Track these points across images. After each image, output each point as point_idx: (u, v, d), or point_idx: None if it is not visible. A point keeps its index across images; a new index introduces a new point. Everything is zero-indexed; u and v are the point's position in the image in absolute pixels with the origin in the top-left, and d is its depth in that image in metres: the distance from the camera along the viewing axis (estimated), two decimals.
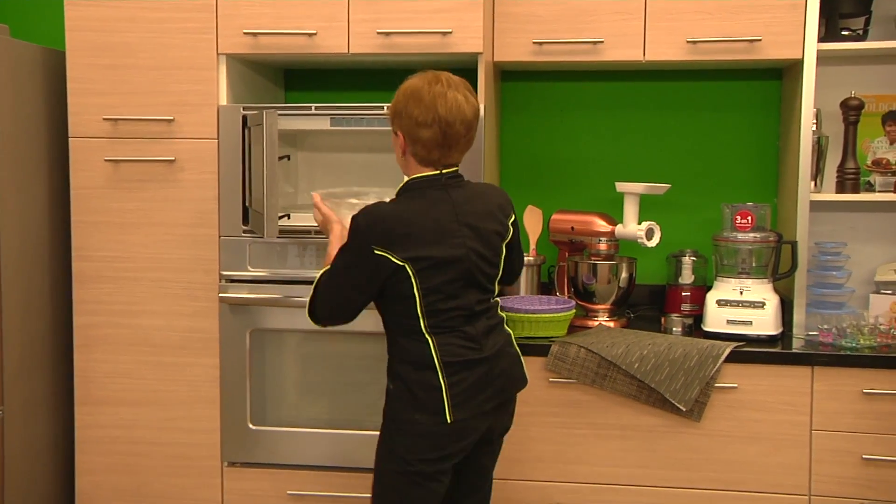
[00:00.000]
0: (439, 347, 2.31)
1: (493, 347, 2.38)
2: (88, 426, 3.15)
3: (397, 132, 2.38)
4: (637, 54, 3.08)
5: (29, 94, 3.07)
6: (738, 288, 3.04)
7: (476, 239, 2.35)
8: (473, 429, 2.36)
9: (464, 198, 2.37)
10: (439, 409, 2.30)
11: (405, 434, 2.34)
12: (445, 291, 2.31)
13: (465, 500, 2.55)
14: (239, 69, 3.15)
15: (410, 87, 2.34)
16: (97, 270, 3.11)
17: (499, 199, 2.47)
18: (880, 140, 3.27)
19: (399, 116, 2.35)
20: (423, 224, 2.29)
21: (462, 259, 2.32)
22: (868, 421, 2.82)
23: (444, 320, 2.32)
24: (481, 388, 2.34)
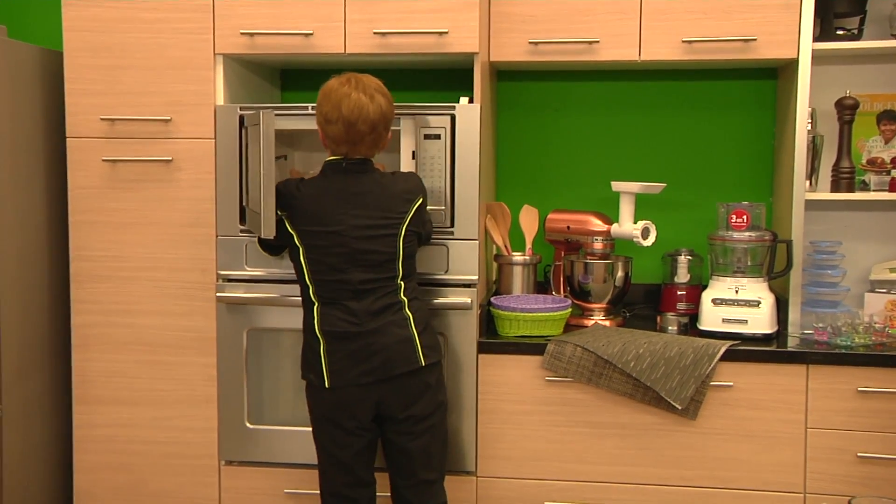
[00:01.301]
0: (321, 316, 2.60)
1: (376, 324, 2.58)
2: (86, 425, 3.16)
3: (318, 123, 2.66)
4: (633, 54, 3.09)
5: (26, 95, 3.08)
6: (734, 287, 3.05)
7: (363, 220, 2.58)
8: (356, 400, 2.59)
9: (363, 183, 2.62)
10: (320, 372, 2.60)
11: (308, 392, 2.68)
12: (328, 264, 2.58)
13: (402, 483, 2.71)
14: (236, 69, 3.15)
15: (326, 87, 2.62)
16: (95, 270, 3.12)
17: (406, 184, 2.68)
18: (875, 139, 3.28)
19: (317, 112, 2.63)
20: (313, 201, 2.59)
21: (341, 236, 2.57)
22: (863, 419, 2.82)
23: (328, 291, 2.59)
24: (357, 361, 2.57)
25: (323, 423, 2.65)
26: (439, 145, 2.90)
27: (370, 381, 2.57)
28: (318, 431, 2.68)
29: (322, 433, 2.67)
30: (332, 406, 2.61)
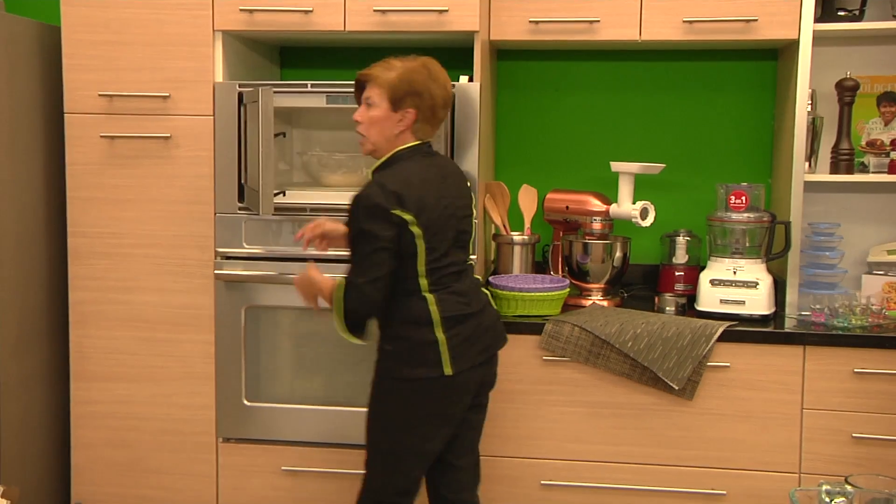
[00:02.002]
0: (439, 304, 2.47)
1: (480, 303, 2.58)
2: (84, 401, 3.17)
3: (408, 108, 2.49)
4: (633, 34, 3.09)
5: (24, 70, 3.07)
6: (732, 268, 3.05)
7: (459, 199, 2.56)
8: (471, 381, 2.53)
9: (444, 165, 2.60)
10: (437, 361, 2.45)
11: (403, 392, 2.49)
12: (441, 249, 2.48)
13: (462, 461, 2.65)
14: (235, 46, 3.15)
15: (427, 69, 2.51)
16: (92, 246, 3.12)
17: (458, 167, 2.69)
18: (875, 121, 3.29)
19: (419, 96, 2.49)
20: (420, 185, 2.45)
21: (452, 217, 2.51)
22: (858, 400, 2.84)
23: (439, 278, 2.49)
24: (473, 342, 2.52)
25: (425, 420, 2.50)
26: None
27: (483, 361, 2.56)
28: (410, 430, 2.50)
29: (416, 432, 2.50)
30: (448, 394, 2.49)
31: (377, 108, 2.51)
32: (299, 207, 3.00)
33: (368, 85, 2.54)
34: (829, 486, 1.25)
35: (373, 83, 2.52)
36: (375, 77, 2.53)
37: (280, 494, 3.11)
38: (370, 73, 2.55)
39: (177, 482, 3.16)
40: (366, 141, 2.55)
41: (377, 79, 2.52)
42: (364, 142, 2.56)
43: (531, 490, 2.99)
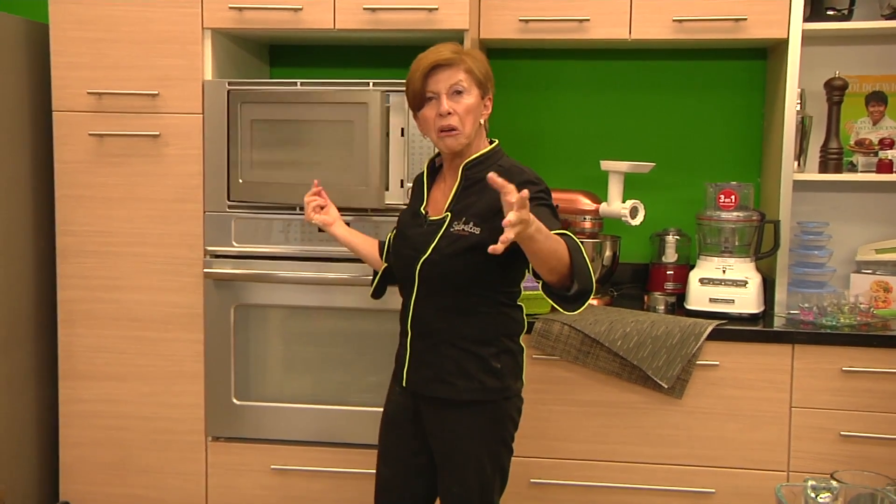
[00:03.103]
0: (525, 317, 2.41)
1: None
2: (73, 400, 3.16)
3: (490, 96, 2.35)
4: (623, 33, 3.09)
5: (11, 67, 3.06)
6: (721, 267, 3.06)
7: None
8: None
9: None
10: (521, 375, 2.41)
11: (515, 408, 2.38)
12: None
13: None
14: (224, 44, 3.14)
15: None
16: (81, 245, 3.11)
17: None
18: (863, 120, 3.30)
19: (492, 80, 2.35)
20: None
21: None
22: (846, 398, 2.85)
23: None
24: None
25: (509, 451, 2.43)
26: None
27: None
28: (510, 447, 2.42)
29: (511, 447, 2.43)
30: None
31: (470, 95, 2.27)
32: (289, 206, 3.00)
33: (451, 69, 2.25)
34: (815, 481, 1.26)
35: (457, 66, 2.25)
36: (461, 60, 2.26)
37: (269, 493, 3.11)
38: (452, 56, 2.26)
39: (166, 481, 3.15)
40: (460, 134, 2.26)
41: (463, 61, 2.26)
42: (458, 135, 2.26)
43: (520, 488, 2.99)
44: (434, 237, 2.29)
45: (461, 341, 2.30)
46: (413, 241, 2.34)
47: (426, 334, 2.33)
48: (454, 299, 2.29)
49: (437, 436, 2.36)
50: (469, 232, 2.24)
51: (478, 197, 2.28)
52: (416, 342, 2.35)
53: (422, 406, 2.37)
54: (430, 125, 2.29)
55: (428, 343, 2.33)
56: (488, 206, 2.21)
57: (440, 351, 2.31)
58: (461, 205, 2.30)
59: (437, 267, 2.27)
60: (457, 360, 2.30)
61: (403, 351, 2.39)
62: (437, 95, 2.25)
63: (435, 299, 2.30)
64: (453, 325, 2.29)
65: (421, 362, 2.34)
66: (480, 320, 2.30)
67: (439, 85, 2.25)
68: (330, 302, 3.00)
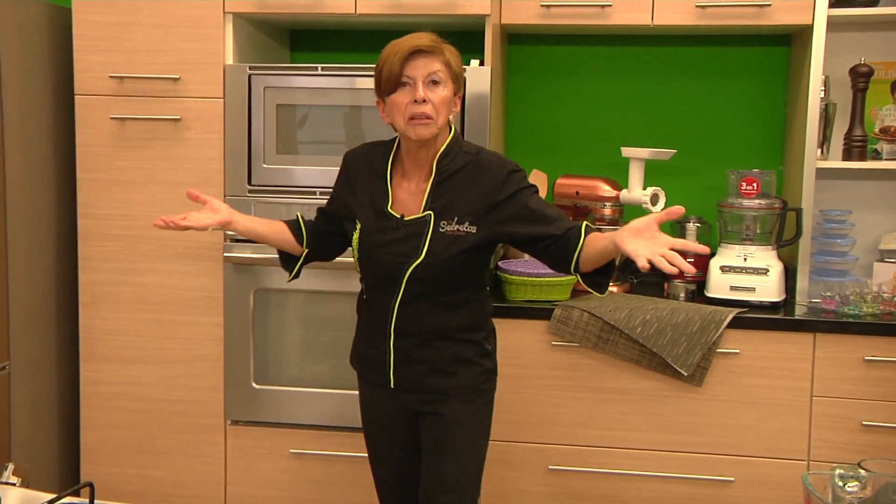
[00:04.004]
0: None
1: None
2: (93, 382, 3.17)
3: (459, 94, 2.30)
4: (645, 18, 3.06)
5: (35, 51, 3.06)
6: (742, 254, 3.04)
7: None
8: None
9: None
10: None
11: (493, 392, 2.43)
12: None
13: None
14: (245, 28, 3.13)
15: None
16: (102, 228, 3.11)
17: None
18: (889, 108, 3.25)
19: (463, 81, 2.31)
20: None
21: None
22: (868, 388, 2.83)
23: None
24: None
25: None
26: None
27: None
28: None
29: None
30: None
31: (446, 88, 2.22)
32: (308, 190, 2.99)
33: (430, 58, 2.19)
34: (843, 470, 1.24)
35: (436, 56, 2.20)
36: (440, 50, 2.21)
37: (288, 477, 3.11)
38: (433, 45, 2.19)
39: (185, 464, 3.16)
40: (433, 124, 2.20)
41: (442, 52, 2.21)
42: (431, 125, 2.19)
43: (538, 475, 2.98)
44: (421, 239, 2.23)
45: (454, 332, 2.30)
46: (392, 245, 2.26)
47: (413, 333, 2.29)
48: (447, 296, 2.27)
49: (433, 426, 2.33)
50: (466, 232, 2.23)
51: (456, 192, 2.25)
52: (402, 341, 2.30)
53: (414, 401, 2.34)
54: (399, 111, 2.20)
55: (416, 341, 2.30)
56: (475, 202, 2.22)
57: (433, 345, 2.29)
58: (441, 202, 2.25)
59: (432, 269, 2.23)
60: (452, 351, 2.30)
61: (382, 353, 2.33)
62: (413, 82, 2.18)
63: (425, 298, 2.26)
64: (445, 319, 2.28)
65: (410, 360, 2.31)
66: (471, 309, 2.32)
67: (417, 71, 2.17)
68: (349, 287, 2.99)
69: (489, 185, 2.23)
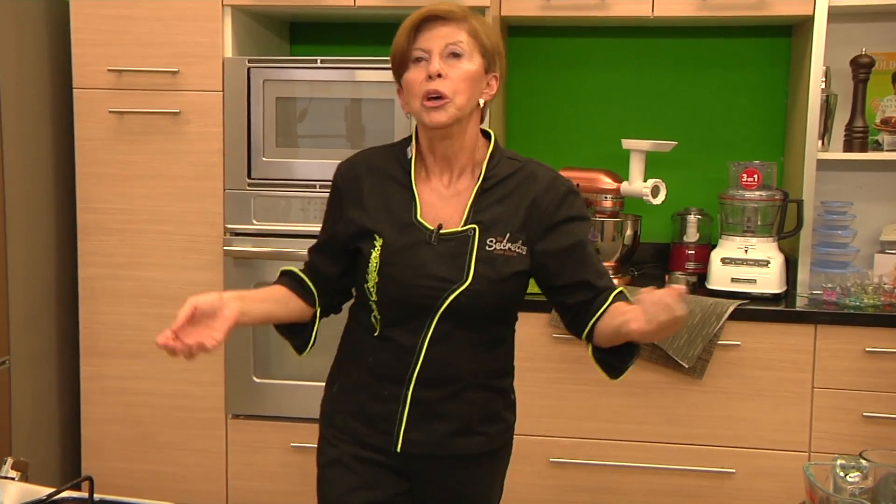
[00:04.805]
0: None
1: None
2: (94, 377, 3.17)
3: (495, 73, 1.87)
4: (646, 10, 3.05)
5: (32, 45, 3.06)
6: (743, 246, 3.04)
7: None
8: None
9: None
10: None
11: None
12: None
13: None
14: (244, 21, 3.12)
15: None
16: (101, 222, 3.11)
17: None
18: (890, 98, 3.25)
19: (501, 58, 1.88)
20: None
21: None
22: (869, 379, 2.83)
23: None
24: None
25: None
26: None
27: None
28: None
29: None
30: None
31: (471, 61, 1.79)
32: (308, 184, 2.99)
33: (451, 26, 1.78)
34: (844, 460, 1.24)
35: (459, 23, 1.79)
36: (464, 17, 1.79)
37: (288, 471, 3.11)
38: (453, 10, 1.79)
39: (186, 458, 3.16)
40: (450, 104, 1.76)
41: (467, 20, 1.80)
42: (447, 105, 1.75)
43: (540, 468, 2.98)
44: (465, 259, 1.80)
45: (488, 380, 1.89)
46: (427, 265, 1.80)
47: (444, 381, 1.84)
48: (488, 333, 1.86)
49: (443, 495, 1.93)
50: (517, 252, 1.83)
51: (506, 203, 1.85)
52: (425, 392, 1.83)
53: (422, 468, 1.89)
54: (413, 92, 1.78)
55: (446, 391, 1.84)
56: (528, 218, 1.84)
57: (464, 398, 1.85)
58: (488, 213, 1.84)
59: (479, 298, 1.79)
60: (482, 404, 1.89)
61: (393, 406, 1.85)
62: (429, 55, 1.77)
63: (463, 335, 1.82)
64: (482, 363, 1.87)
65: (432, 416, 1.85)
66: (506, 350, 1.94)
67: (432, 42, 1.77)
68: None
69: (544, 201, 1.84)
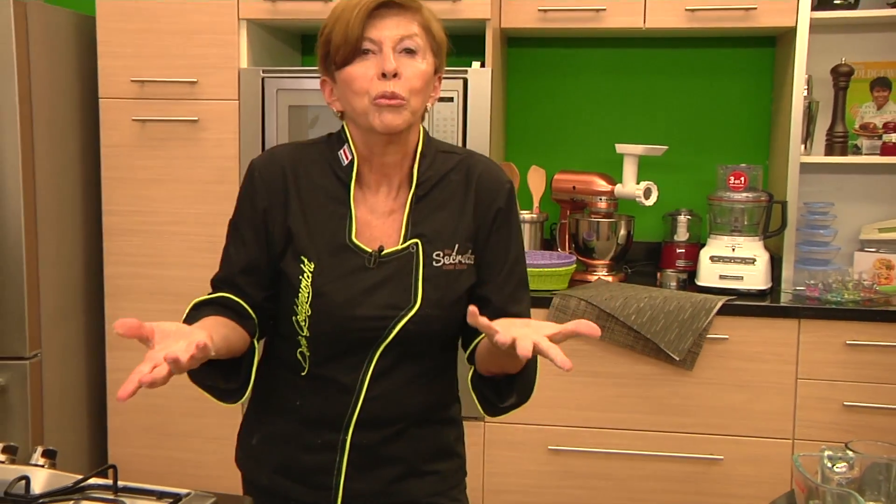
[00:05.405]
0: None
1: None
2: (119, 369, 3.16)
3: (440, 75, 1.55)
4: (637, 21, 3.04)
5: (62, 58, 3.06)
6: (731, 245, 3.02)
7: None
8: None
9: None
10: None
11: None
12: None
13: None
14: (259, 34, 3.11)
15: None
16: (125, 224, 3.10)
17: None
18: (868, 105, 3.24)
19: (444, 61, 1.55)
20: None
21: None
22: (850, 370, 2.82)
23: None
24: None
25: None
26: (452, 108, 2.86)
27: None
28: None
29: None
30: None
31: (425, 60, 1.48)
32: None
33: (404, 16, 1.47)
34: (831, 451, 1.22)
35: (412, 14, 1.48)
36: (418, 7, 1.49)
37: None
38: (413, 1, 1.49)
39: (203, 445, 3.16)
40: (405, 109, 1.45)
41: (420, 11, 1.49)
42: (403, 110, 1.45)
43: (538, 454, 2.96)
44: (410, 279, 1.48)
45: (437, 412, 1.58)
46: (368, 294, 1.48)
47: (386, 421, 1.52)
48: (435, 361, 1.54)
49: None
50: (466, 264, 1.53)
51: (447, 208, 1.54)
52: (365, 435, 1.52)
53: None
54: (358, 89, 1.45)
55: (389, 432, 1.53)
56: (474, 221, 1.54)
57: (411, 436, 1.55)
58: (428, 224, 1.52)
59: (431, 324, 1.48)
60: (433, 440, 1.58)
61: (329, 455, 1.53)
62: (379, 48, 1.44)
63: (408, 367, 1.49)
64: (427, 395, 1.55)
65: (375, 462, 1.53)
66: (451, 377, 1.61)
67: (384, 32, 1.44)
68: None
69: (487, 198, 1.55)
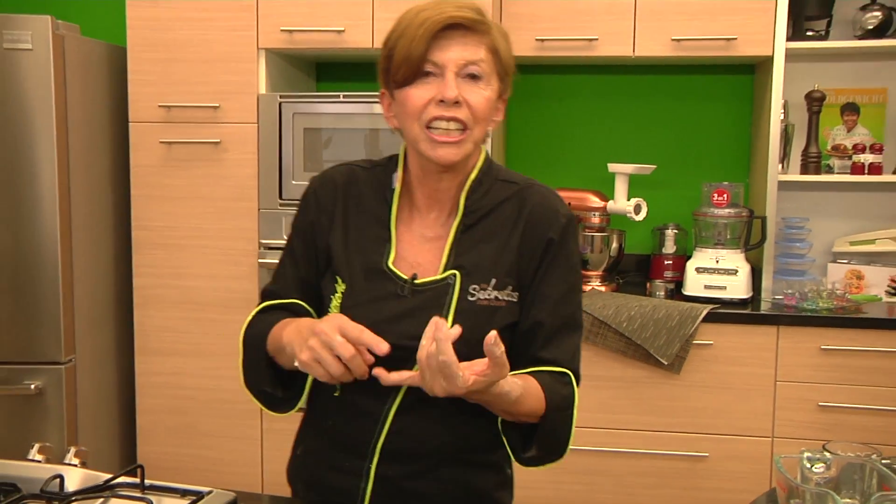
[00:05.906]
0: None
1: None
2: (147, 373, 3.20)
3: (505, 98, 1.41)
4: (627, 50, 3.09)
5: (95, 85, 3.10)
6: (715, 257, 3.06)
7: None
8: None
9: None
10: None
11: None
12: None
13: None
14: (276, 62, 3.16)
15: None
16: (152, 238, 3.14)
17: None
18: (839, 128, 3.29)
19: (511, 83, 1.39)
20: None
21: None
22: (824, 373, 2.85)
23: None
24: None
25: None
26: None
27: None
28: None
29: None
30: None
31: (489, 87, 1.33)
32: None
33: (473, 40, 1.31)
34: (810, 453, 1.27)
35: (482, 37, 1.32)
36: (488, 30, 1.33)
37: None
38: (479, 19, 1.31)
39: (226, 444, 3.19)
40: (466, 140, 1.33)
41: (490, 34, 1.33)
42: (464, 142, 1.32)
43: None
44: (442, 312, 1.34)
45: (470, 454, 1.42)
46: (395, 322, 1.35)
47: (411, 454, 1.39)
48: (466, 401, 1.29)
49: None
50: (506, 301, 1.37)
51: (487, 240, 1.38)
52: (390, 467, 1.38)
53: None
54: (414, 112, 1.32)
55: (414, 467, 1.39)
56: (521, 256, 1.38)
57: (439, 475, 1.40)
58: (470, 255, 1.37)
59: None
60: (465, 482, 1.42)
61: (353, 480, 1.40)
62: (441, 71, 1.30)
63: (437, 402, 1.26)
64: (461, 433, 1.40)
65: (399, 495, 1.39)
66: (490, 419, 1.38)
67: (448, 55, 1.29)
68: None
69: (537, 230, 1.38)
